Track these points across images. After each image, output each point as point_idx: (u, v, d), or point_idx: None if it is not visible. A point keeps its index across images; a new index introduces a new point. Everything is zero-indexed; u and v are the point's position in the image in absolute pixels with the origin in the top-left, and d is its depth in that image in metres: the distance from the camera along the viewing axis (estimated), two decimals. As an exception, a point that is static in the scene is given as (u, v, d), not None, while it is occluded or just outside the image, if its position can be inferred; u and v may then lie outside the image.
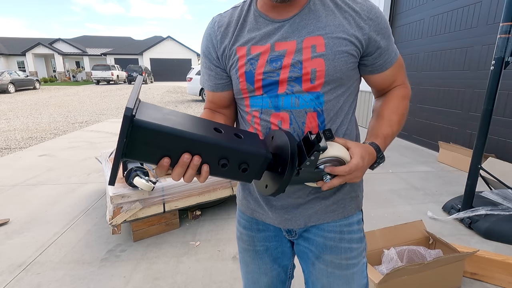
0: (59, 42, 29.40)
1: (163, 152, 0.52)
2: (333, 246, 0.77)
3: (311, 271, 0.81)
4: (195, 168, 0.57)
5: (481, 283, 1.71)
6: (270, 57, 0.68)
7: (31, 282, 1.72)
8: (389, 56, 0.73)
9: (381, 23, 0.69)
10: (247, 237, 0.86)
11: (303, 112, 0.70)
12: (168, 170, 0.56)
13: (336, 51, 0.66)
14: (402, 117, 0.76)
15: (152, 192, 2.06)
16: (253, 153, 0.58)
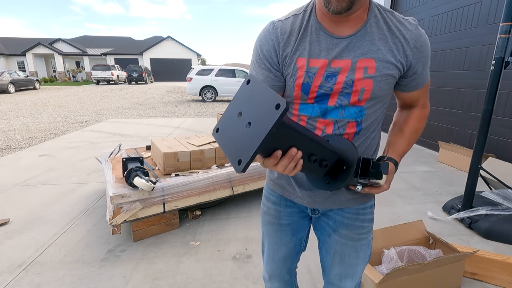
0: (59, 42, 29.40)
1: (279, 146, 0.57)
2: (349, 224, 0.91)
3: (327, 241, 0.96)
4: (296, 161, 0.60)
5: (481, 283, 1.71)
6: (326, 72, 0.76)
7: (31, 282, 1.72)
8: (421, 80, 0.82)
9: (424, 51, 0.77)
10: (274, 211, 0.98)
11: (346, 121, 0.79)
12: (272, 162, 0.59)
13: (383, 74, 0.75)
14: (417, 135, 0.89)
15: (152, 192, 2.06)
16: (336, 152, 0.67)
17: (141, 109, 9.85)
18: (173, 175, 2.34)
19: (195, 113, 9.01)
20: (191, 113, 8.90)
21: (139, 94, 15.26)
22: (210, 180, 2.31)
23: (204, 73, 11.95)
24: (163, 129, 6.42)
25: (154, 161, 2.69)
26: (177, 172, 2.38)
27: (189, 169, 2.43)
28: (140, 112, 9.05)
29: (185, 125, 6.84)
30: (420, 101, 0.88)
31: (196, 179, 2.25)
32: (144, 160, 2.69)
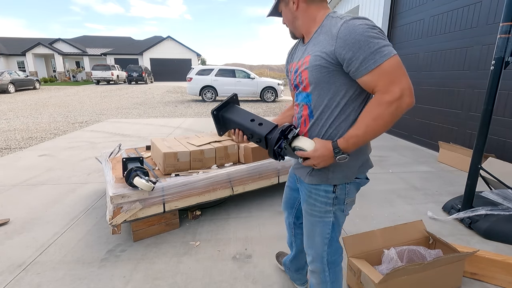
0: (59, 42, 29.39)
1: (230, 127, 1.19)
2: (304, 199, 1.19)
3: (302, 207, 1.25)
4: (241, 136, 1.15)
5: (481, 283, 1.71)
6: (294, 70, 1.12)
7: (31, 282, 1.72)
8: (361, 65, 0.91)
9: (348, 39, 0.90)
10: (289, 173, 1.44)
11: (302, 104, 1.11)
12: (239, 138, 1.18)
13: (314, 65, 1.00)
14: (373, 121, 0.91)
15: (152, 192, 2.06)
16: (258, 133, 1.08)
17: (141, 109, 9.85)
18: (173, 175, 2.34)
19: (195, 113, 9.01)
20: (191, 113, 8.90)
21: (139, 94, 15.25)
22: (210, 180, 2.31)
23: (204, 73, 11.95)
24: (163, 129, 6.42)
25: (154, 161, 2.69)
26: (177, 172, 2.37)
27: (189, 169, 2.43)
28: (140, 112, 9.05)
29: (185, 125, 6.83)
30: (378, 87, 0.91)
31: (196, 179, 2.25)
32: (144, 160, 2.69)
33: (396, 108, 0.88)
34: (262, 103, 11.83)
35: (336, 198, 1.10)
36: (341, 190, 1.10)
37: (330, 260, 1.21)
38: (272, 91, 12.40)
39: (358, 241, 1.69)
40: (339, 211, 1.13)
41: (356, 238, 1.70)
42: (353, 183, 1.11)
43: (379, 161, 4.12)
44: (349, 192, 1.11)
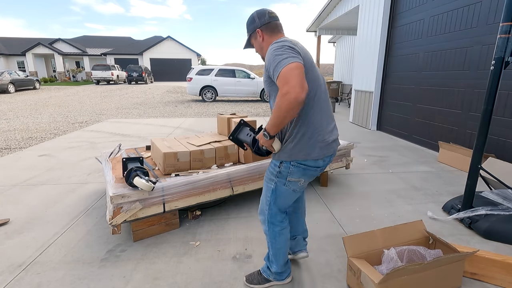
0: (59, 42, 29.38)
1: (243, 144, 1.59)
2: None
3: None
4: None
5: (481, 283, 1.71)
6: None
7: (31, 282, 1.72)
8: (273, 75, 1.30)
9: (267, 59, 1.34)
10: None
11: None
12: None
13: (264, 80, 1.46)
14: (276, 110, 1.25)
15: (152, 192, 2.06)
16: (247, 142, 1.57)
17: (141, 109, 9.85)
18: (173, 175, 2.34)
19: (195, 113, 9.01)
20: (191, 113, 8.90)
21: (139, 94, 15.25)
22: (210, 180, 2.31)
23: (204, 73, 11.95)
24: (163, 129, 6.42)
25: (154, 161, 2.69)
26: (177, 172, 2.37)
27: (189, 169, 2.43)
28: (140, 112, 9.05)
29: (185, 125, 6.84)
30: (279, 88, 1.24)
31: (196, 179, 2.25)
32: (144, 160, 2.69)
33: (284, 101, 1.20)
34: (262, 103, 11.83)
35: (279, 172, 1.48)
36: (285, 168, 1.46)
37: (270, 220, 1.58)
38: (272, 91, 12.38)
39: (358, 241, 1.69)
40: (280, 183, 1.49)
41: (356, 238, 1.70)
42: (297, 166, 1.43)
43: (379, 161, 4.12)
44: (291, 172, 1.45)
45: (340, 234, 2.23)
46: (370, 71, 6.34)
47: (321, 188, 3.12)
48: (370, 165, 3.94)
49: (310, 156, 1.41)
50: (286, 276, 1.71)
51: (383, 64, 6.00)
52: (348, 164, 3.25)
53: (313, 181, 3.26)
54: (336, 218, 2.49)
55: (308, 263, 1.89)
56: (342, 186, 3.19)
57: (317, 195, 2.94)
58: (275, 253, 1.63)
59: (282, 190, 1.50)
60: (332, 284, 1.70)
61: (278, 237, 1.59)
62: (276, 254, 1.62)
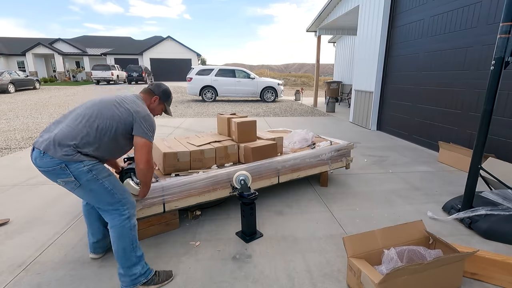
0: (59, 42, 29.37)
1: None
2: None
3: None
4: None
5: (481, 283, 1.71)
6: None
7: (31, 282, 1.72)
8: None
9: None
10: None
11: None
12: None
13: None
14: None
15: (152, 192, 2.06)
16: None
17: (141, 109, 9.83)
18: (173, 175, 2.33)
19: (195, 113, 9.01)
20: (191, 113, 8.89)
21: (139, 94, 15.22)
22: (210, 180, 2.31)
23: (204, 73, 11.95)
24: (163, 129, 6.42)
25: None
26: (177, 172, 2.37)
27: (189, 169, 2.43)
28: (140, 112, 9.03)
29: (185, 125, 6.84)
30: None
31: (196, 179, 2.25)
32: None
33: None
34: (262, 103, 11.83)
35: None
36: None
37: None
38: (272, 91, 12.41)
39: (358, 241, 1.69)
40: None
41: (356, 238, 1.70)
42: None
43: (379, 161, 4.12)
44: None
45: (340, 234, 2.23)
46: (370, 71, 6.34)
47: (321, 188, 3.12)
48: (370, 165, 3.94)
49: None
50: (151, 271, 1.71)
51: (383, 64, 6.00)
52: (348, 164, 3.25)
53: (313, 181, 3.26)
54: (336, 218, 2.49)
55: (308, 263, 1.89)
56: (342, 186, 3.19)
57: (317, 195, 2.94)
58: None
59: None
60: (332, 284, 1.70)
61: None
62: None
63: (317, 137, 3.54)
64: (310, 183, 3.24)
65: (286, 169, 2.78)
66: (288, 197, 2.88)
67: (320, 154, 2.99)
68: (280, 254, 1.99)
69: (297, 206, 2.70)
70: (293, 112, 9.43)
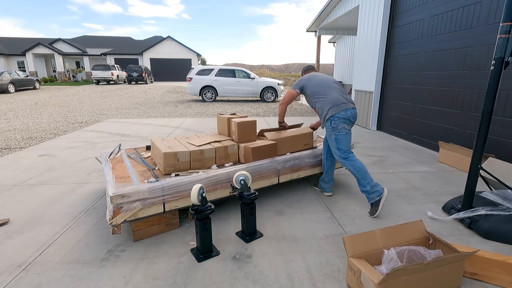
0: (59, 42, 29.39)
1: None
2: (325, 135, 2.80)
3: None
4: None
5: (481, 283, 1.71)
6: None
7: (31, 282, 1.72)
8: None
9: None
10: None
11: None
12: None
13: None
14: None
15: (152, 192, 2.06)
16: None
17: (141, 109, 9.85)
18: (173, 175, 2.33)
19: (195, 113, 9.01)
20: (191, 113, 8.90)
21: (139, 94, 15.25)
22: (210, 180, 2.31)
23: (204, 73, 11.95)
24: (163, 129, 6.42)
25: (154, 161, 2.69)
26: (177, 172, 2.37)
27: (189, 169, 2.43)
28: (140, 112, 9.05)
29: (185, 125, 6.84)
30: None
31: (196, 179, 2.25)
32: (144, 160, 2.69)
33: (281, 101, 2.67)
34: (262, 103, 11.83)
35: (332, 127, 2.57)
36: (333, 123, 2.55)
37: (344, 157, 2.55)
38: (272, 91, 12.41)
39: (358, 241, 1.69)
40: (336, 132, 2.57)
41: (356, 238, 1.70)
42: (337, 119, 2.55)
43: (379, 161, 4.12)
44: (336, 123, 2.55)
45: (340, 234, 2.23)
46: (370, 71, 6.34)
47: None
48: (370, 165, 3.93)
49: (337, 110, 2.55)
50: (381, 189, 2.46)
51: (383, 64, 6.00)
52: (348, 164, 3.25)
53: (313, 181, 3.26)
54: (336, 218, 2.49)
55: (308, 263, 1.89)
56: (342, 186, 3.19)
57: (317, 195, 2.94)
58: (362, 176, 2.47)
59: (339, 136, 2.57)
60: (332, 284, 1.70)
61: (356, 163, 2.52)
62: (364, 176, 2.46)
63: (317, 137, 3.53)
64: (310, 183, 3.24)
65: (286, 169, 2.78)
66: (288, 197, 2.88)
67: (320, 154, 2.99)
68: (280, 254, 1.99)
69: (297, 206, 2.70)
70: (293, 112, 9.43)
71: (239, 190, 2.12)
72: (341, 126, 2.53)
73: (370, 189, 2.45)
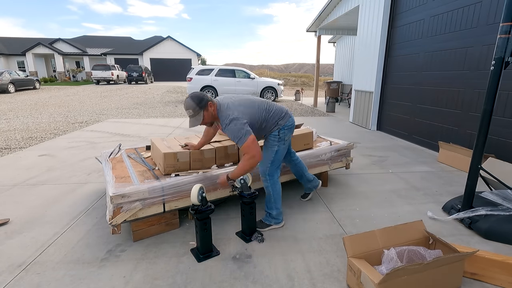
0: (59, 42, 29.38)
1: None
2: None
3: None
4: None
5: (481, 283, 1.71)
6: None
7: (31, 282, 1.72)
8: (238, 144, 2.00)
9: (230, 134, 2.01)
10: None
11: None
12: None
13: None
14: (244, 166, 1.99)
15: (152, 192, 2.06)
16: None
17: (141, 109, 9.85)
18: (173, 175, 2.33)
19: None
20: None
21: (139, 94, 15.25)
22: (211, 180, 2.31)
23: (204, 73, 11.95)
24: (163, 129, 6.42)
25: (154, 161, 2.69)
26: (177, 172, 2.37)
27: (189, 169, 2.43)
28: (140, 112, 9.05)
29: (185, 125, 6.84)
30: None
31: (196, 179, 2.25)
32: (144, 160, 2.69)
33: (251, 162, 2.03)
34: (262, 103, 11.81)
35: (279, 138, 2.23)
36: (282, 133, 2.23)
37: (271, 173, 2.26)
38: (272, 91, 12.41)
39: (358, 241, 1.69)
40: (280, 145, 2.24)
41: (356, 238, 1.70)
42: (283, 128, 2.23)
43: (379, 161, 4.12)
44: (285, 133, 2.24)
45: (340, 234, 2.23)
46: (370, 71, 6.34)
47: (321, 188, 3.12)
48: (370, 165, 3.94)
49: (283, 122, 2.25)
50: (281, 220, 2.37)
51: (383, 64, 6.00)
52: (348, 164, 3.25)
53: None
54: (336, 218, 2.49)
55: (308, 263, 1.89)
56: (342, 186, 3.19)
57: (317, 195, 2.94)
58: (276, 199, 2.29)
59: (280, 149, 2.25)
60: (332, 284, 1.70)
61: (277, 184, 2.30)
62: (277, 199, 2.30)
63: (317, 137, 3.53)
64: (310, 183, 3.24)
65: (286, 169, 2.77)
66: (288, 197, 2.87)
67: (320, 154, 2.99)
68: (280, 254, 1.99)
69: (297, 206, 2.70)
70: (293, 112, 9.43)
71: (239, 189, 2.12)
72: (288, 137, 2.27)
73: (276, 214, 2.30)
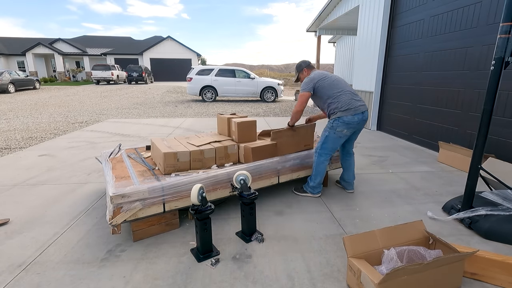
0: (59, 42, 29.39)
1: None
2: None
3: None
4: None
5: (481, 283, 1.71)
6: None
7: (31, 282, 1.72)
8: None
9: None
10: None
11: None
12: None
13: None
14: (292, 113, 2.78)
15: (152, 192, 2.06)
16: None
17: (141, 109, 9.85)
18: (173, 175, 2.34)
19: (195, 113, 9.01)
20: (191, 113, 8.90)
21: (139, 94, 15.25)
22: (210, 180, 2.31)
23: (204, 73, 11.96)
24: (163, 129, 6.42)
25: (154, 161, 2.69)
26: (177, 172, 2.37)
27: (189, 169, 2.43)
28: (140, 112, 9.05)
29: (185, 125, 6.84)
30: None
31: (196, 179, 2.25)
32: (144, 160, 2.69)
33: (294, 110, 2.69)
34: (262, 103, 11.83)
35: (331, 126, 2.64)
36: (335, 123, 2.62)
37: (321, 153, 2.71)
38: (272, 91, 12.41)
39: (358, 241, 1.69)
40: (331, 132, 2.65)
41: (356, 238, 1.70)
42: (341, 122, 2.59)
43: (379, 161, 4.12)
44: (338, 126, 2.61)
45: (340, 234, 2.23)
46: (370, 71, 6.34)
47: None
48: (370, 165, 3.94)
49: (349, 112, 2.57)
50: (317, 192, 2.84)
51: (383, 64, 6.00)
52: (348, 164, 3.25)
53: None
54: (336, 218, 2.49)
55: (308, 263, 1.89)
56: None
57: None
58: (316, 174, 2.75)
59: (330, 136, 2.65)
60: (332, 284, 1.70)
61: (321, 164, 2.72)
62: (317, 175, 2.75)
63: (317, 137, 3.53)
64: (310, 183, 3.24)
65: (286, 169, 2.78)
66: (288, 197, 2.88)
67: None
68: (280, 254, 1.99)
69: (297, 206, 2.70)
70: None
71: (239, 189, 2.12)
72: (340, 129, 2.59)
73: (314, 185, 2.79)
